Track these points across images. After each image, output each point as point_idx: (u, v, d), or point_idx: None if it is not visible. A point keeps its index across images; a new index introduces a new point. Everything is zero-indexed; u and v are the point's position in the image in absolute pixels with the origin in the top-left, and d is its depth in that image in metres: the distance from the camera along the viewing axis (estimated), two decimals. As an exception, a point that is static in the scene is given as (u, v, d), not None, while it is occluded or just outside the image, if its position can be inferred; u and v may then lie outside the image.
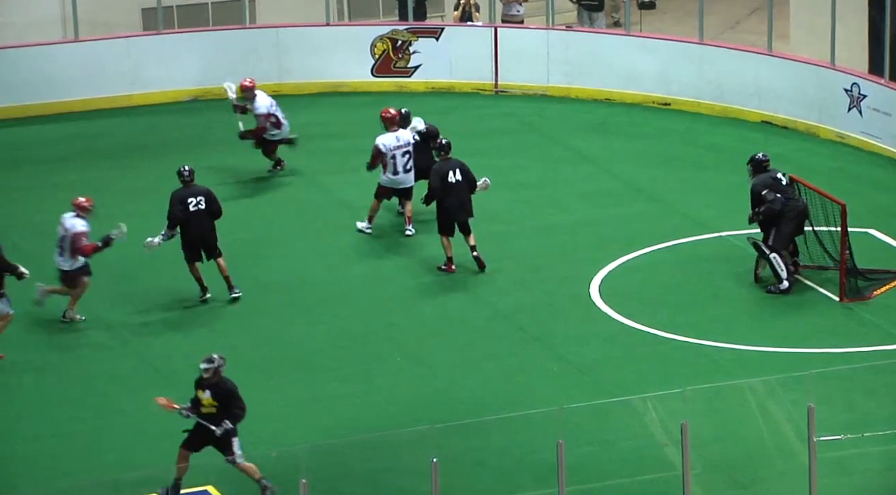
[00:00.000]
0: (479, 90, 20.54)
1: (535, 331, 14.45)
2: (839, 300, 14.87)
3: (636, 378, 13.57)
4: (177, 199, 15.07)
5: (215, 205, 15.16)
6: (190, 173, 15.19)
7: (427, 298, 15.18)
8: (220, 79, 20.64)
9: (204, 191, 15.16)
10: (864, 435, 11.82)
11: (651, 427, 12.14)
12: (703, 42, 19.64)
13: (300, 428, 12.97)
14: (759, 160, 15.04)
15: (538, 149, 18.84)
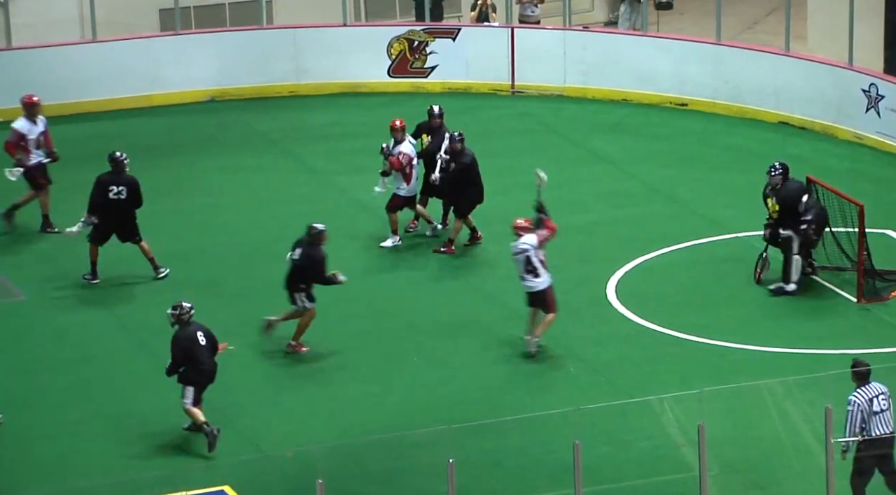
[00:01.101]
0: (496, 91, 20.53)
1: (552, 332, 14.41)
2: (857, 301, 14.82)
3: (653, 379, 13.54)
4: (99, 185, 15.10)
5: (137, 196, 15.14)
6: (121, 160, 15.14)
7: (444, 299, 15.17)
8: (239, 79, 20.73)
9: (129, 181, 15.18)
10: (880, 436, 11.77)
11: (668, 428, 12.12)
12: (720, 42, 19.60)
13: (317, 428, 12.97)
14: (787, 166, 14.90)
15: (555, 149, 18.82)
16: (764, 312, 14.67)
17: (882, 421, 11.42)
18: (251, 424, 13.07)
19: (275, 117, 20.03)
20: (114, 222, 15.11)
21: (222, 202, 17.66)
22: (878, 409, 11.46)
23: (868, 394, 11.49)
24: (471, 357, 14.10)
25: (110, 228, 15.13)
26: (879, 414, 11.45)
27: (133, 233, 15.16)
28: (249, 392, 13.57)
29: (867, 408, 11.44)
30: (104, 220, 15.08)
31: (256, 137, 19.49)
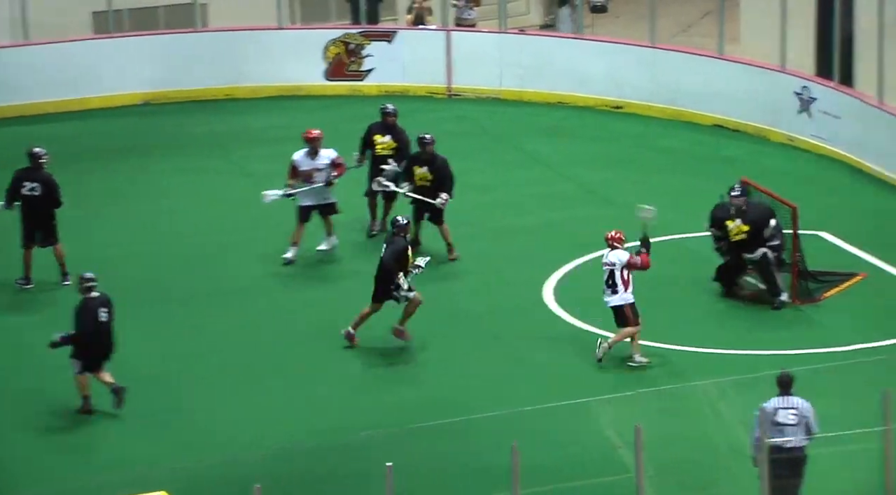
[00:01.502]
0: (433, 93, 20.57)
1: (491, 334, 14.48)
2: (791, 302, 14.98)
3: (590, 380, 13.63)
4: (15, 179, 15.11)
5: (54, 194, 15.09)
6: (39, 156, 15.10)
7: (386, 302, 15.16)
8: (174, 82, 20.64)
9: (45, 178, 15.14)
10: (815, 436, 11.91)
11: (605, 429, 12.19)
12: (655, 45, 19.76)
13: (255, 432, 12.95)
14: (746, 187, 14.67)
15: (492, 152, 18.89)
16: (699, 314, 14.80)
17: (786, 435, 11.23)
18: (189, 429, 13.03)
19: (211, 121, 19.96)
20: (31, 220, 15.03)
21: (159, 206, 17.58)
22: (781, 421, 11.34)
23: (777, 405, 11.40)
24: (411, 360, 14.12)
25: (30, 226, 15.07)
26: (783, 427, 11.30)
27: (49, 234, 15.08)
28: (190, 396, 13.53)
29: (770, 418, 11.35)
30: (23, 217, 15.02)
31: (192, 141, 19.42)
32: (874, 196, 17.54)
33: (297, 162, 15.66)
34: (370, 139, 16.29)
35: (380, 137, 16.22)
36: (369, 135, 16.30)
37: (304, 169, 15.68)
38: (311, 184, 15.66)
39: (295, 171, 15.65)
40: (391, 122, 16.23)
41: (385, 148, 16.17)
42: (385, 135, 16.20)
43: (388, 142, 16.15)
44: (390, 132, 16.20)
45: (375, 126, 16.33)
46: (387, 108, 16.28)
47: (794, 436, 11.27)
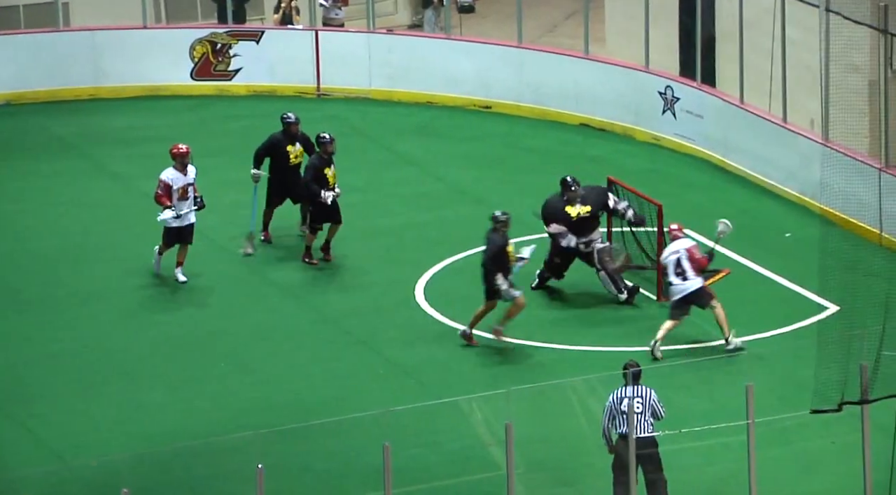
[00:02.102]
0: (302, 93, 20.53)
1: (362, 335, 14.52)
2: (657, 299, 15.24)
3: (461, 379, 13.73)
4: None
5: None
6: None
7: (252, 304, 15.14)
8: (35, 82, 20.30)
9: None
10: (681, 431, 12.12)
11: (476, 427, 12.30)
12: (521, 46, 19.94)
13: (122, 436, 12.83)
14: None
15: (362, 152, 18.92)
16: (568, 312, 14.98)
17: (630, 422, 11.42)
18: (53, 434, 12.87)
19: (74, 121, 19.69)
20: None
21: (22, 207, 17.32)
22: (625, 409, 11.57)
23: (623, 394, 11.66)
24: (280, 362, 14.11)
25: None
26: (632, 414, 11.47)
27: None
28: (50, 400, 13.36)
29: (616, 406, 11.65)
30: None
31: (55, 142, 19.15)
32: (737, 194, 17.89)
33: (170, 180, 15.36)
34: (279, 150, 15.93)
35: (291, 147, 15.96)
36: (275, 147, 15.95)
37: (178, 186, 15.35)
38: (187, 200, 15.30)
39: (169, 190, 15.30)
40: (296, 130, 16.00)
41: (298, 156, 15.97)
42: (295, 144, 15.99)
43: (299, 150, 15.98)
44: (298, 140, 16.01)
45: (280, 137, 16.01)
46: (290, 117, 16.02)
47: (641, 424, 11.50)
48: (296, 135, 16.05)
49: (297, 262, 15.84)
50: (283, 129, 16.07)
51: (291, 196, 16.10)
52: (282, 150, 16.00)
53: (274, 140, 16.06)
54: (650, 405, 11.64)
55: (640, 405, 11.60)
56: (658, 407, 11.71)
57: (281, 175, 16.05)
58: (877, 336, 11.73)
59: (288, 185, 16.00)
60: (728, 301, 14.86)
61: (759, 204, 17.64)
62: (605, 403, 11.88)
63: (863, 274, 15.04)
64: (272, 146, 16.03)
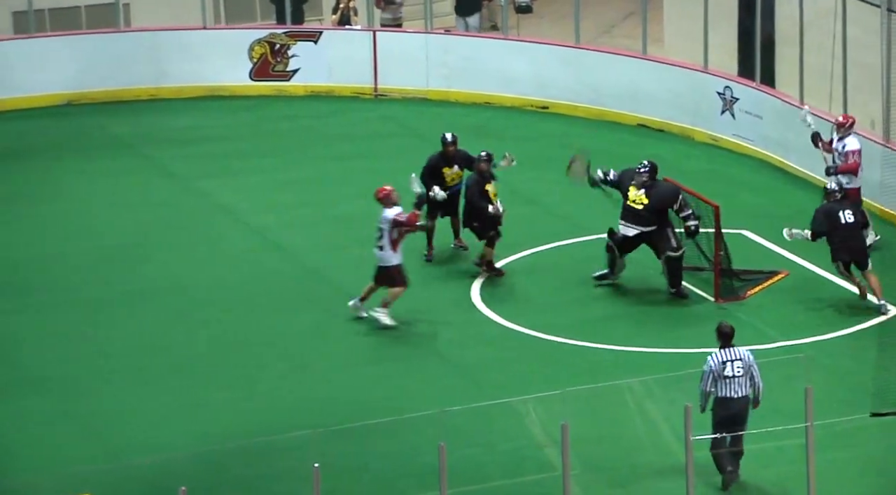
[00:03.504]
0: (359, 94, 20.56)
1: (418, 335, 14.50)
2: (714, 301, 15.13)
3: (517, 380, 13.69)
4: None
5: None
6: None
7: (308, 303, 15.17)
8: (96, 83, 20.46)
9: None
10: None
11: (531, 428, 12.27)
12: (579, 46, 19.87)
13: (180, 434, 12.88)
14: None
15: (418, 152, 18.85)
16: (625, 313, 14.90)
17: (732, 386, 11.74)
18: (111, 431, 12.94)
19: (134, 121, 19.83)
20: None
21: (81, 207, 17.45)
22: (729, 374, 11.81)
23: (724, 357, 11.88)
24: (336, 361, 14.12)
25: None
26: (731, 379, 11.79)
27: None
28: (109, 398, 13.43)
29: (719, 371, 11.83)
30: None
31: (115, 142, 19.28)
32: (796, 195, 17.75)
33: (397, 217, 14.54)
34: (436, 172, 15.66)
35: (447, 169, 15.73)
36: (432, 170, 15.69)
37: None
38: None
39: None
40: (452, 151, 15.73)
41: (455, 179, 15.74)
42: (452, 167, 15.73)
43: (456, 173, 15.74)
44: (455, 161, 15.76)
45: (437, 158, 15.74)
46: (447, 139, 15.74)
47: (741, 388, 11.77)
48: (453, 157, 15.75)
49: (351, 261, 15.85)
50: (440, 151, 15.78)
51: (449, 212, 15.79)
52: (438, 172, 15.70)
53: (431, 162, 15.77)
54: (749, 368, 11.86)
55: (741, 368, 11.80)
56: (755, 370, 11.86)
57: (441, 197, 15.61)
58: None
59: (445, 206, 15.70)
60: (787, 303, 14.73)
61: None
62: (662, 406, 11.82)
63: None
64: (430, 170, 15.70)
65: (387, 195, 14.47)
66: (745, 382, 11.84)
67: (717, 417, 11.85)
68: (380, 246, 14.40)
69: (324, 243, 16.42)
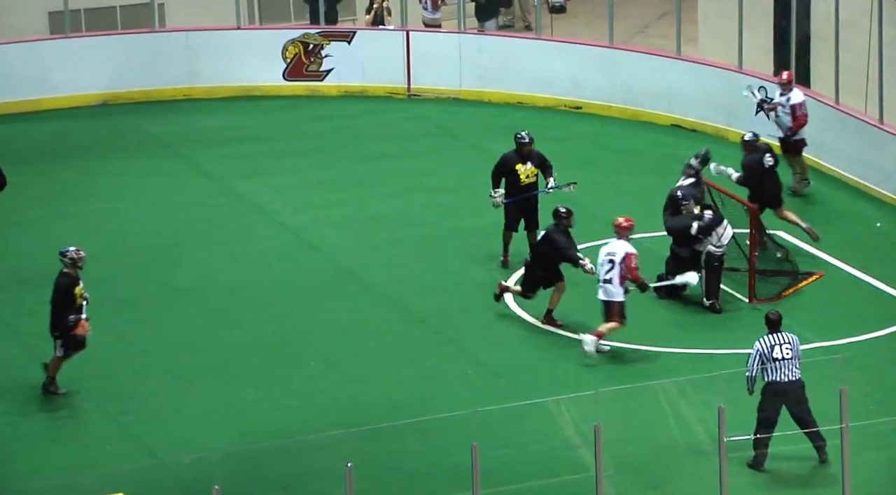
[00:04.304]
0: (392, 94, 20.58)
1: (450, 335, 14.52)
2: (748, 301, 15.08)
3: (549, 380, 13.69)
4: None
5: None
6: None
7: (342, 303, 15.20)
8: (131, 82, 20.56)
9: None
10: (773, 434, 12.01)
11: (564, 429, 12.26)
12: (613, 46, 19.83)
13: (214, 433, 12.93)
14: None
15: (452, 152, 18.93)
16: (658, 313, 14.86)
17: (782, 369, 11.98)
18: (146, 430, 13.00)
19: (168, 121, 19.90)
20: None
21: (116, 207, 17.53)
22: (778, 356, 12.08)
23: (772, 341, 12.17)
24: (369, 361, 14.14)
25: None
26: (780, 361, 12.03)
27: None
28: (144, 397, 13.50)
29: (768, 354, 12.09)
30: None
31: (150, 141, 19.36)
32: (832, 196, 17.67)
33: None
34: (509, 169, 15.51)
35: (521, 166, 15.55)
36: (504, 166, 15.55)
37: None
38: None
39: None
40: (528, 150, 15.57)
41: (530, 176, 15.57)
42: (526, 163, 15.56)
43: (531, 169, 15.57)
44: (530, 159, 15.60)
45: (511, 155, 15.60)
46: (523, 138, 15.57)
47: (790, 371, 12.06)
48: (528, 155, 15.60)
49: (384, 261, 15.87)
50: (515, 148, 15.65)
51: (526, 218, 15.57)
52: (511, 170, 15.55)
53: (504, 159, 15.63)
54: (797, 350, 12.13)
55: (790, 351, 12.07)
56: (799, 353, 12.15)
57: (515, 193, 15.50)
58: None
59: (522, 208, 15.51)
60: (823, 303, 14.68)
61: (855, 206, 17.41)
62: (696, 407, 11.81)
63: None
64: (502, 165, 15.58)
65: (630, 227, 13.91)
66: (796, 365, 12.03)
67: (766, 401, 12.02)
68: (607, 278, 13.80)
69: (358, 243, 16.44)
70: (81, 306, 13.14)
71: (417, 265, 15.89)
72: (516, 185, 15.56)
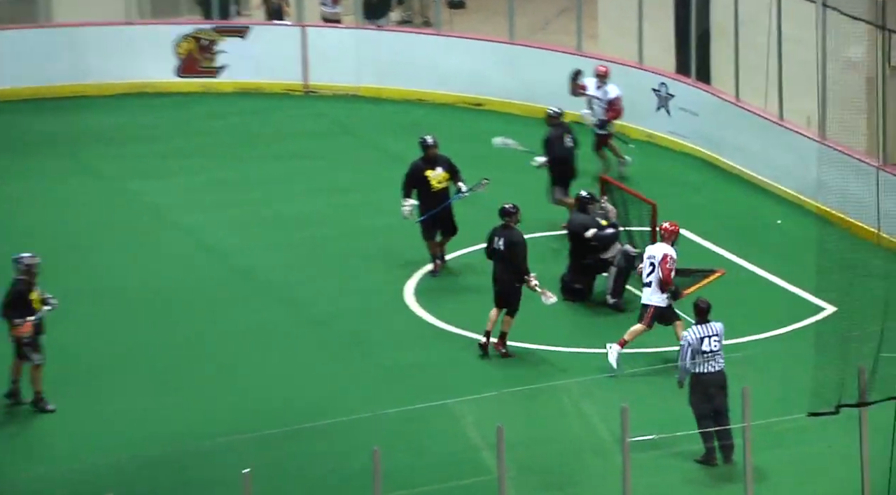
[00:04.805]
0: (289, 91, 20.55)
1: (352, 337, 14.55)
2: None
3: (452, 382, 13.76)
4: None
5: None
6: None
7: (241, 306, 15.16)
8: (16, 79, 20.28)
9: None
10: (676, 434, 12.16)
11: (467, 431, 12.33)
12: (513, 42, 19.97)
13: (105, 442, 12.84)
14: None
15: (351, 151, 18.95)
16: (561, 313, 14.99)
17: (710, 361, 12.16)
18: (36, 438, 12.88)
19: (58, 119, 19.71)
20: None
21: (7, 207, 17.32)
22: (706, 349, 12.20)
23: (701, 333, 12.27)
24: (270, 365, 14.13)
25: None
26: (708, 354, 12.18)
27: None
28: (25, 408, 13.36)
29: (697, 346, 12.22)
30: None
31: (40, 140, 19.16)
32: (732, 192, 17.94)
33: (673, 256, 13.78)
34: (419, 176, 15.39)
35: (431, 172, 15.44)
36: (416, 175, 15.42)
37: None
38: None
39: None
40: (434, 153, 15.46)
41: (441, 181, 15.43)
42: (435, 168, 15.45)
43: (442, 175, 15.43)
44: (438, 163, 15.47)
45: (419, 163, 15.45)
46: (427, 141, 15.44)
47: (717, 363, 12.21)
48: (435, 159, 15.44)
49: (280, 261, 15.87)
50: (422, 155, 15.51)
51: (442, 228, 15.45)
52: (421, 177, 15.41)
53: (413, 167, 15.48)
54: (722, 341, 12.25)
55: (717, 343, 12.20)
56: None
57: (428, 204, 15.40)
58: (875, 337, 11.77)
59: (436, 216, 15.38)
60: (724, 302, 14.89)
61: (755, 202, 17.70)
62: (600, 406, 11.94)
63: (861, 274, 15.07)
64: (412, 174, 15.43)
65: (675, 231, 13.86)
66: (721, 355, 12.22)
67: (695, 394, 12.16)
68: (647, 282, 13.70)
69: (257, 244, 16.40)
70: (37, 312, 13.07)
71: (318, 267, 15.90)
72: (427, 193, 15.43)
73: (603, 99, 17.73)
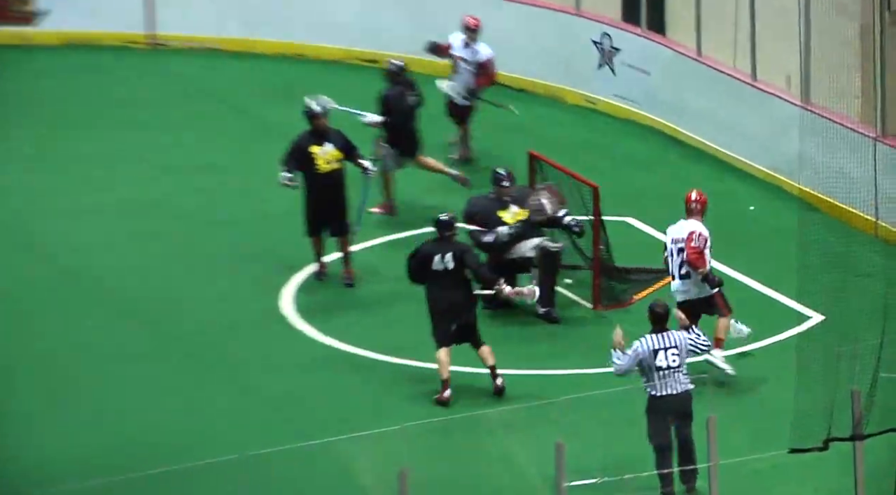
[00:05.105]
0: (130, 43, 20.57)
1: (215, 358, 14.65)
2: (592, 307, 15.50)
3: (344, 413, 13.90)
4: None
5: None
6: None
7: (78, 318, 15.15)
8: None
9: None
10: (623, 477, 12.33)
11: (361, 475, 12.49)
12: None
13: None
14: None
15: (216, 120, 18.99)
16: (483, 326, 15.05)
17: (667, 380, 12.12)
18: None
19: None
20: None
21: None
22: (663, 364, 12.18)
23: (656, 344, 12.22)
24: (113, 394, 14.12)
25: None
26: (666, 371, 12.16)
27: None
28: None
29: (650, 360, 12.21)
30: None
31: None
32: (693, 171, 18.14)
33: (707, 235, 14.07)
34: (304, 153, 15.12)
35: (317, 148, 15.12)
36: (299, 151, 15.11)
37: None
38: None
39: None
40: (322, 124, 15.17)
41: (330, 161, 15.16)
42: (323, 144, 15.16)
43: (333, 153, 15.15)
44: (327, 138, 15.21)
45: (305, 136, 15.17)
46: (313, 109, 15.16)
47: (678, 382, 12.12)
48: (324, 132, 15.17)
49: (127, 262, 15.93)
50: (308, 128, 15.25)
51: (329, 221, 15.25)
52: (306, 154, 15.09)
53: (297, 143, 15.18)
54: (685, 353, 12.16)
55: (676, 357, 12.14)
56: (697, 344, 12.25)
57: (312, 190, 15.17)
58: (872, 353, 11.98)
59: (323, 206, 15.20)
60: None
61: (722, 184, 17.92)
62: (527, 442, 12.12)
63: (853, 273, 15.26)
64: (294, 150, 15.12)
65: (704, 203, 13.97)
66: (683, 372, 12.15)
67: (652, 422, 12.19)
68: (684, 274, 13.88)
69: (96, 241, 16.43)
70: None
71: (174, 268, 15.97)
72: (313, 175, 15.17)
73: (471, 60, 17.51)
